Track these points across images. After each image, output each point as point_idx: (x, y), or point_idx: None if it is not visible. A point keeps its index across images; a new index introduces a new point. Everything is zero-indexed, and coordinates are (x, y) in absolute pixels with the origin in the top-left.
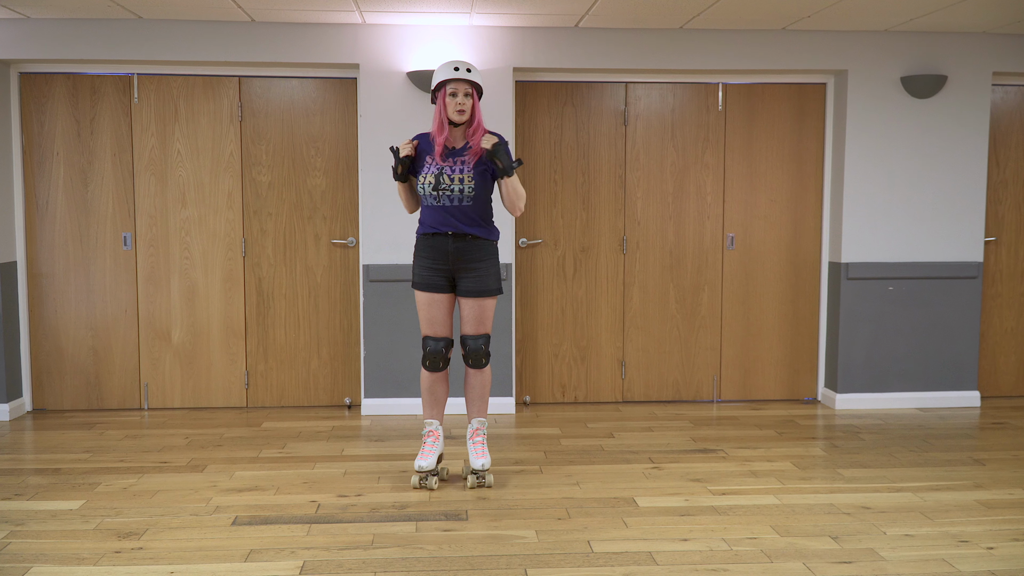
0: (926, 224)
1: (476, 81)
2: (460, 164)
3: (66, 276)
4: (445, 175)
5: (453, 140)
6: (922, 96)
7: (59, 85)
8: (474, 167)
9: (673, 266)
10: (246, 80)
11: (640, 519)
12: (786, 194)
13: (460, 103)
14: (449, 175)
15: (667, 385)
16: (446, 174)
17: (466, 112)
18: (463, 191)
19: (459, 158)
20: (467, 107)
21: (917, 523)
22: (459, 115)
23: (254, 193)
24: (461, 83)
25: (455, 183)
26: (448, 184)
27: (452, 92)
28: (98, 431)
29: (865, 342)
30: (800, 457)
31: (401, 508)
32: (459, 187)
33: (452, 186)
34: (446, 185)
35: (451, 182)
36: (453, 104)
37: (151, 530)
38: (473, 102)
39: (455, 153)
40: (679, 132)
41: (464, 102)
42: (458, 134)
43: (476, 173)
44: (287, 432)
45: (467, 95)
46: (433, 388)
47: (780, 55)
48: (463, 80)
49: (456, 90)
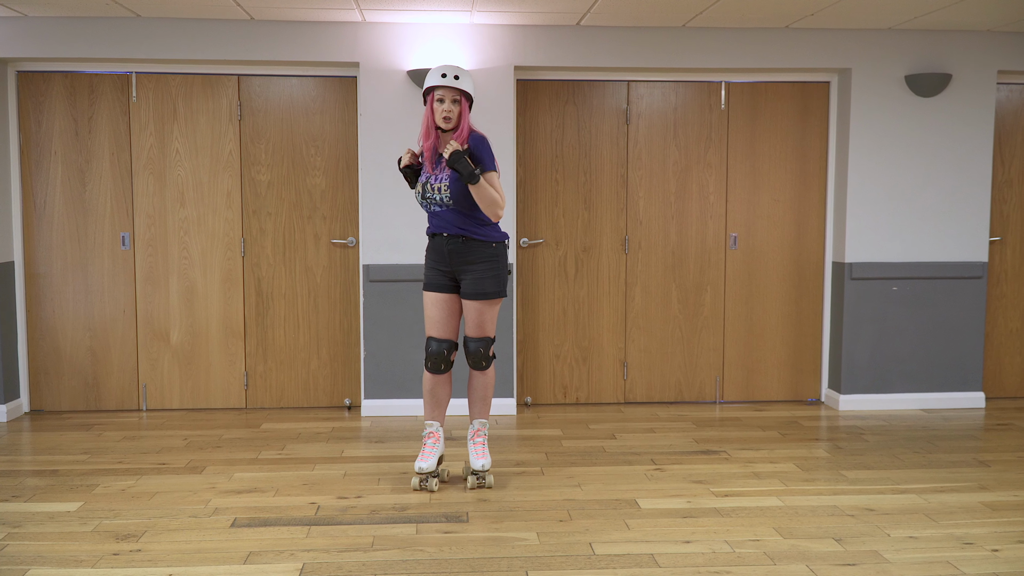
0: (930, 224)
1: (464, 89)
2: (442, 171)
3: (64, 276)
4: (430, 183)
5: (441, 146)
6: (926, 95)
7: (57, 84)
8: (450, 175)
9: (675, 266)
10: (245, 79)
11: (642, 521)
12: (789, 193)
13: (447, 110)
14: (433, 183)
15: (669, 386)
16: (430, 183)
17: (452, 119)
18: (442, 199)
19: (441, 164)
20: (453, 114)
21: (921, 525)
22: (445, 122)
23: (253, 192)
24: (449, 90)
25: (436, 192)
26: (432, 193)
27: (439, 98)
28: (96, 432)
29: (869, 343)
30: (803, 458)
31: (401, 510)
32: (439, 196)
33: (434, 195)
34: (430, 194)
35: (433, 191)
36: (440, 111)
37: (149, 532)
38: (460, 109)
39: (440, 159)
40: (681, 131)
41: (451, 109)
42: (445, 139)
43: (452, 180)
44: (286, 433)
45: (454, 102)
46: (435, 390)
47: (783, 54)
48: (451, 87)
49: (443, 96)
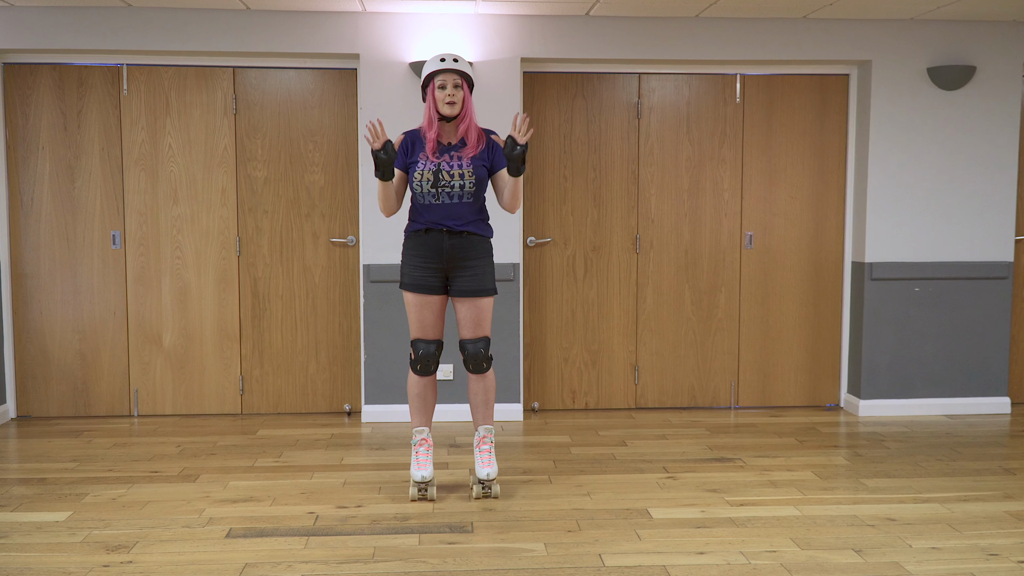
0: (954, 222)
1: (466, 72)
2: (458, 159)
3: (52, 277)
4: (444, 171)
5: (446, 135)
6: (949, 88)
7: (45, 76)
8: (472, 162)
9: (688, 266)
10: (241, 71)
11: (654, 531)
12: (807, 190)
13: (450, 94)
14: (448, 171)
15: (682, 391)
16: (444, 170)
17: (457, 104)
18: (463, 187)
19: (455, 153)
20: (457, 99)
21: (944, 535)
22: (449, 107)
23: (249, 189)
24: (450, 74)
25: (455, 179)
26: (448, 180)
27: (441, 84)
28: (85, 439)
29: (890, 346)
30: (822, 466)
31: (403, 520)
32: (459, 183)
33: (452, 182)
34: (445, 181)
35: (451, 178)
36: (443, 96)
37: (141, 543)
38: (464, 94)
39: (450, 148)
40: (695, 125)
41: (454, 93)
42: (450, 129)
43: (475, 168)
44: (284, 440)
45: (456, 86)
46: (424, 393)
47: (801, 45)
48: (452, 71)
49: (445, 82)
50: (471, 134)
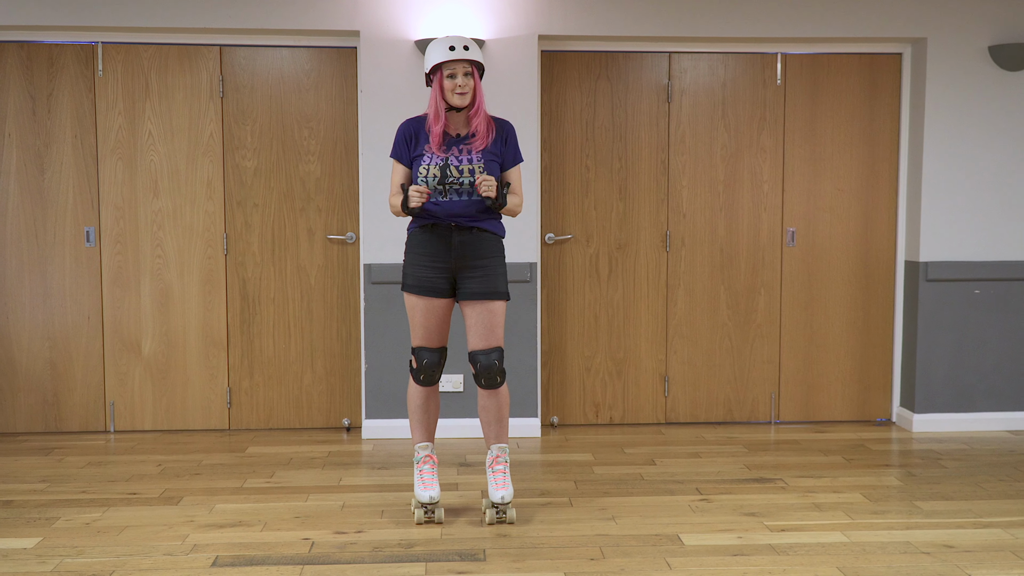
0: (1018, 217)
1: (477, 60)
2: (467, 153)
3: (19, 277)
4: (452, 167)
5: (453, 126)
6: (1013, 68)
7: (11, 55)
8: (483, 155)
9: (724, 265)
10: (228, 50)
11: (686, 559)
12: (855, 182)
13: (461, 85)
14: (456, 166)
15: (717, 404)
16: (452, 165)
17: (468, 94)
18: (474, 184)
19: (464, 146)
20: (468, 88)
21: (1008, 564)
22: (460, 98)
23: (238, 181)
24: (459, 63)
25: (464, 175)
26: (456, 176)
27: (450, 74)
28: (56, 457)
29: (947, 354)
30: (872, 488)
31: (408, 546)
32: (469, 179)
33: (461, 178)
34: (453, 178)
35: (459, 174)
36: (452, 87)
37: (118, 572)
38: (474, 82)
39: (458, 140)
40: (731, 110)
41: (465, 83)
42: (459, 119)
43: (487, 163)
44: (276, 459)
45: (467, 75)
46: (427, 404)
47: (849, 21)
48: (460, 60)
49: (455, 71)
50: (481, 125)
